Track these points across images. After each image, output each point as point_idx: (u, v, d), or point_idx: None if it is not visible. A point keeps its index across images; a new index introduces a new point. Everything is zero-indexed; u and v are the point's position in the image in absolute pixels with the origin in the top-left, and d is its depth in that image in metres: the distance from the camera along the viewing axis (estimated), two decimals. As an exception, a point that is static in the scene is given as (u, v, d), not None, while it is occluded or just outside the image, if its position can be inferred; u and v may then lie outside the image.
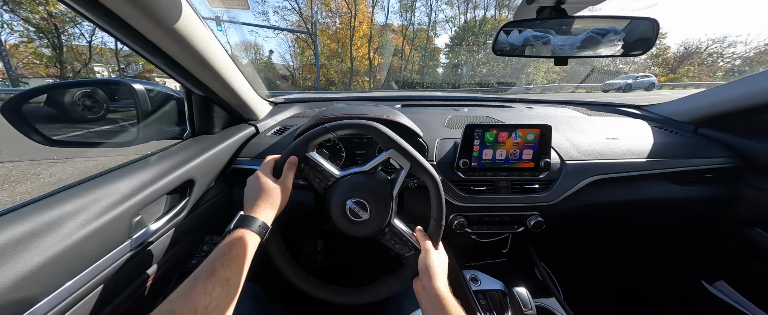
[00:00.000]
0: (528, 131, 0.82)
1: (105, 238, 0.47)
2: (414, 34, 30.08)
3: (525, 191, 0.85)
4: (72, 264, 0.43)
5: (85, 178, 0.54)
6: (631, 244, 1.27)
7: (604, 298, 1.22)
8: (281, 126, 1.01)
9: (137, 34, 0.48)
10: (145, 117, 0.71)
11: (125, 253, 0.51)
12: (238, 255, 0.42)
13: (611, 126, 1.08)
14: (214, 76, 0.67)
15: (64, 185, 0.50)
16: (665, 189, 0.92)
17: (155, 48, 0.53)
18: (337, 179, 0.60)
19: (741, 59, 35.71)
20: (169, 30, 0.49)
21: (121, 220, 0.50)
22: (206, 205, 0.75)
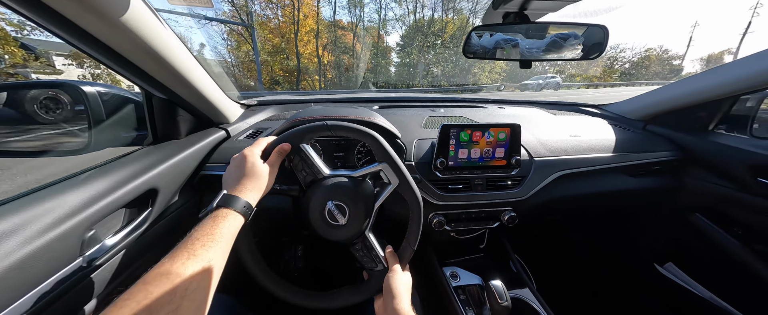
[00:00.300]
0: (500, 130, 0.86)
1: (51, 257, 0.42)
2: (364, 31, 28.34)
3: (498, 188, 0.89)
4: (11, 288, 0.38)
5: (26, 190, 0.48)
6: (593, 232, 1.38)
7: (572, 284, 1.31)
8: (254, 129, 0.97)
9: (79, 30, 0.43)
10: (97, 122, 0.65)
11: (76, 273, 0.46)
12: (221, 235, 0.40)
13: (574, 124, 1.16)
14: (175, 77, 0.62)
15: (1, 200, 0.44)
16: (621, 181, 1.01)
17: (103, 46, 0.48)
18: (324, 177, 0.59)
19: (629, 63, 44.77)
20: (116, 24, 0.44)
21: (71, 236, 0.45)
22: (171, 217, 0.70)
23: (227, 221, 0.42)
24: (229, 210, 0.43)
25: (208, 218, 0.42)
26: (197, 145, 0.77)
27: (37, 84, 0.62)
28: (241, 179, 0.48)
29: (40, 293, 0.41)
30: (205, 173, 0.78)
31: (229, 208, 0.43)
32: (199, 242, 0.37)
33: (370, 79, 27.45)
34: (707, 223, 1.02)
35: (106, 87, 0.69)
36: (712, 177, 1.00)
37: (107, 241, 0.52)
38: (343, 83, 26.00)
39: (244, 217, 0.45)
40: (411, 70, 29.26)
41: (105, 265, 0.51)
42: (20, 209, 0.42)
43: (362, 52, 27.93)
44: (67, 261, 0.45)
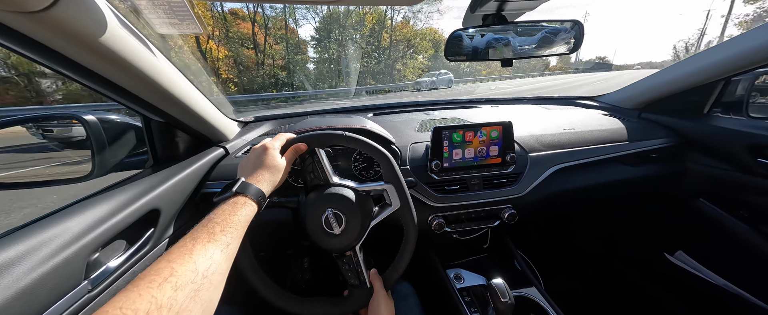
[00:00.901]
0: (492, 129, 0.87)
1: (56, 283, 0.44)
2: (267, 20, 22.32)
3: (496, 186, 0.89)
4: (22, 312, 0.39)
5: (31, 220, 0.50)
6: (598, 225, 1.36)
7: (579, 280, 1.29)
8: (252, 145, 0.99)
9: (76, 65, 0.46)
10: (100, 148, 0.67)
11: (82, 295, 0.47)
12: (238, 221, 0.42)
13: (568, 118, 1.16)
14: (171, 100, 0.65)
15: (7, 230, 0.46)
16: (620, 171, 1.00)
17: (98, 77, 0.50)
18: (330, 184, 0.61)
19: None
20: (107, 55, 0.46)
21: (75, 260, 0.47)
22: (174, 235, 0.72)
23: (244, 209, 0.44)
24: (246, 197, 0.45)
25: (226, 203, 0.44)
26: (197, 164, 0.79)
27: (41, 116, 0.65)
28: (258, 169, 0.51)
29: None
30: (205, 191, 0.80)
31: (246, 196, 0.45)
32: (219, 227, 0.39)
33: (283, 80, 21.79)
34: (712, 207, 1.00)
35: (105, 113, 0.72)
36: (712, 161, 0.99)
37: (111, 263, 0.53)
38: (245, 84, 20.39)
39: (257, 205, 0.47)
40: (331, 66, 25.09)
41: (111, 287, 0.53)
42: (25, 237, 0.44)
43: (266, 45, 22.03)
44: (73, 285, 0.46)
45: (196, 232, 0.38)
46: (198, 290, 0.31)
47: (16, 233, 0.45)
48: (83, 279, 0.48)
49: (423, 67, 32.12)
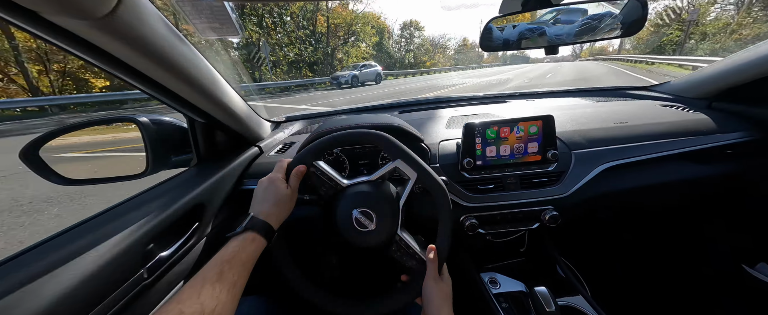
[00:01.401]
0: (530, 124, 0.80)
1: (119, 270, 0.48)
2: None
3: (535, 186, 0.82)
4: (88, 297, 0.44)
5: (95, 213, 0.56)
6: (657, 230, 1.21)
7: (634, 291, 1.15)
8: (283, 144, 1.03)
9: (133, 70, 0.50)
10: (153, 149, 0.73)
11: (139, 283, 0.52)
12: (245, 258, 0.43)
13: (618, 111, 1.04)
14: (214, 103, 0.69)
15: (78, 221, 0.52)
16: (684, 169, 0.88)
17: (153, 82, 0.55)
18: (344, 188, 0.61)
19: (453, 50, 64.69)
20: (164, 63, 0.51)
21: (134, 250, 0.51)
22: (217, 229, 0.76)
23: (252, 245, 0.46)
24: (254, 233, 0.47)
25: (236, 239, 0.45)
26: (235, 163, 0.83)
27: (104, 120, 0.73)
28: (266, 203, 0.52)
29: (112, 301, 0.47)
30: (243, 188, 0.84)
31: (254, 232, 0.47)
32: (227, 265, 0.41)
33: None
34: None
35: (156, 116, 0.79)
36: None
37: (163, 253, 0.58)
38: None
39: (266, 240, 0.48)
40: (254, 53, 19.48)
41: (164, 275, 0.57)
42: (92, 228, 0.49)
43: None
44: (132, 273, 0.51)
45: (205, 271, 0.39)
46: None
47: (85, 225, 0.51)
48: (140, 268, 0.52)
49: (367, 56, 29.14)
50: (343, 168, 0.91)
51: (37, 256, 0.43)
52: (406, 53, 43.86)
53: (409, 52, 44.40)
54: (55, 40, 0.40)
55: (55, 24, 0.37)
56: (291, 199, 0.55)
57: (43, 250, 0.44)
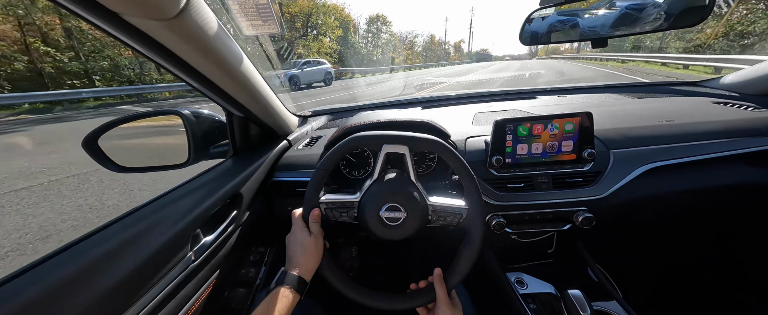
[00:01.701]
0: (566, 121, 0.77)
1: (173, 251, 0.52)
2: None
3: (568, 186, 0.79)
4: (146, 276, 0.48)
5: (151, 198, 0.60)
6: (703, 238, 1.12)
7: (672, 301, 1.08)
8: (310, 138, 1.06)
9: (185, 64, 0.54)
10: (194, 140, 0.78)
11: (188, 265, 0.56)
12: (278, 313, 0.47)
13: (663, 108, 0.97)
14: (253, 98, 0.73)
15: (135, 207, 0.57)
16: (739, 172, 0.80)
17: (203, 77, 0.59)
18: (359, 200, 0.61)
19: (421, 47, 65.32)
20: (216, 60, 0.55)
21: (185, 234, 0.55)
22: (250, 218, 0.81)
23: (284, 300, 0.49)
24: (286, 288, 0.50)
25: (271, 295, 0.49)
26: (267, 156, 0.87)
27: (151, 113, 0.79)
28: (293, 258, 0.55)
29: (166, 280, 0.51)
30: (274, 180, 0.88)
31: (286, 287, 0.51)
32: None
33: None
34: None
35: (197, 111, 0.84)
36: None
37: (208, 238, 0.62)
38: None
39: (298, 293, 0.52)
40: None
41: (209, 258, 0.61)
42: (150, 214, 0.54)
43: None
44: (182, 255, 0.55)
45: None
46: None
47: (142, 210, 0.56)
48: (189, 250, 0.56)
49: (331, 51, 26.29)
50: (368, 163, 0.92)
51: (102, 239, 0.47)
52: (374, 49, 41.99)
53: (377, 48, 42.40)
54: (130, 40, 0.44)
55: (131, 26, 0.41)
56: (317, 244, 0.57)
57: (107, 234, 0.48)
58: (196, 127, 0.77)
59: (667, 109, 0.95)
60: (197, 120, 0.81)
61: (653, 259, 1.18)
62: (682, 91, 1.16)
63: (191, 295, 0.59)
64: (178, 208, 0.57)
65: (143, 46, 0.46)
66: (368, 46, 42.37)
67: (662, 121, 0.87)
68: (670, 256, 1.17)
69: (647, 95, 1.18)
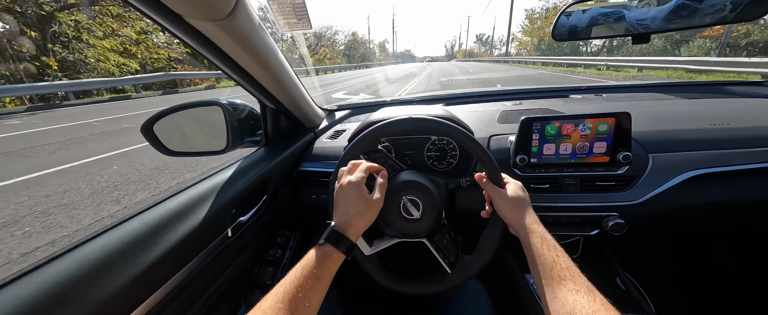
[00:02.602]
0: (600, 121, 0.73)
1: (214, 227, 0.59)
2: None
3: (599, 189, 0.76)
4: (189, 250, 0.54)
5: (197, 179, 0.68)
6: (748, 254, 1.01)
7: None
8: (334, 130, 1.10)
9: (231, 60, 0.60)
10: (232, 129, 0.85)
11: (225, 241, 0.62)
12: (320, 274, 0.42)
13: (717, 109, 0.88)
14: (285, 91, 0.78)
15: (186, 185, 0.64)
16: None
17: (244, 72, 0.64)
18: (398, 173, 0.63)
19: (344, 45, 61.42)
20: (257, 56, 0.60)
21: (224, 213, 0.62)
22: (278, 203, 0.87)
23: (331, 260, 0.44)
24: (334, 249, 0.45)
25: (317, 250, 0.44)
26: (295, 146, 0.93)
27: (196, 103, 0.87)
28: (347, 215, 0.48)
29: (205, 254, 0.58)
30: (300, 169, 0.93)
31: (335, 247, 0.45)
32: (308, 283, 0.40)
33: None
34: None
35: (234, 102, 0.91)
36: None
37: (242, 218, 0.68)
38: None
39: (346, 255, 0.46)
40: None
41: (242, 237, 0.68)
42: (194, 194, 0.60)
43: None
44: (221, 231, 0.61)
45: (286, 282, 0.40)
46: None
47: (188, 190, 0.62)
48: (226, 228, 0.63)
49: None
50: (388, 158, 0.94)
51: (153, 214, 0.53)
52: (280, 43, 38.60)
53: (282, 42, 33.71)
54: (189, 39, 0.51)
55: (191, 27, 0.48)
56: (375, 208, 0.50)
57: (163, 207, 0.55)
58: (233, 117, 0.84)
59: (722, 111, 0.86)
60: (234, 111, 0.88)
61: (689, 272, 1.08)
62: (743, 93, 1.03)
63: (226, 269, 0.65)
64: (219, 188, 0.63)
65: (199, 44, 0.52)
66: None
67: (714, 125, 0.79)
68: (709, 270, 1.06)
69: (698, 96, 1.07)
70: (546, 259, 0.45)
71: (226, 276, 0.64)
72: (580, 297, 0.38)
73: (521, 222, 0.51)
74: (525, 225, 0.50)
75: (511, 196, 0.55)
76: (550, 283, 0.42)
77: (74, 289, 0.37)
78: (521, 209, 0.53)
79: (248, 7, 0.52)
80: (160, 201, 0.56)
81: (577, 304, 0.37)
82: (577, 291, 0.39)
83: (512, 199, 0.55)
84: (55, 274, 0.36)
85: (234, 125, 0.85)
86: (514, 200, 0.55)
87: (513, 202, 0.54)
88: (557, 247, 0.46)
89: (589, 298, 0.37)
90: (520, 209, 0.53)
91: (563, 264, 0.43)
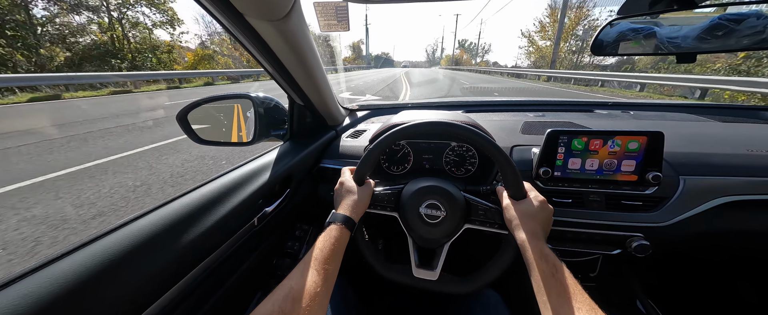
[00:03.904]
0: (630, 139, 0.72)
1: (243, 215, 0.61)
2: None
3: (624, 208, 0.74)
4: (219, 237, 0.56)
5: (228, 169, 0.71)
6: None
7: None
8: (356, 130, 1.12)
9: (275, 57, 0.63)
10: (260, 122, 0.88)
11: (251, 229, 0.65)
12: (339, 250, 0.51)
13: (755, 135, 0.85)
14: (316, 89, 0.80)
15: (219, 173, 0.67)
16: None
17: (283, 68, 0.67)
18: (401, 191, 0.64)
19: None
20: (298, 53, 0.62)
21: (252, 202, 0.64)
22: (299, 197, 0.89)
23: (339, 235, 0.53)
24: (337, 225, 0.54)
25: (325, 232, 0.53)
26: (317, 143, 0.95)
27: (228, 96, 0.90)
28: (344, 202, 0.60)
29: (233, 241, 0.60)
30: (321, 166, 0.95)
31: (337, 224, 0.55)
32: (319, 252, 0.49)
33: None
34: None
35: (263, 96, 0.94)
36: None
37: (268, 208, 0.71)
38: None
39: (349, 229, 0.55)
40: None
41: (266, 226, 0.70)
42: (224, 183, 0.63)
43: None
44: (248, 220, 0.64)
45: (305, 258, 0.48)
46: (304, 301, 0.41)
47: (222, 177, 0.65)
48: (254, 217, 0.65)
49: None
50: (407, 160, 0.95)
51: (190, 199, 0.56)
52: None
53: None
54: (243, 37, 0.54)
55: (249, 25, 0.51)
56: (366, 193, 0.62)
57: (194, 197, 0.57)
58: (262, 110, 0.87)
59: (761, 136, 0.83)
60: (263, 104, 0.91)
61: (713, 301, 1.04)
62: None
63: (249, 257, 0.68)
64: (246, 180, 0.66)
65: (250, 42, 0.55)
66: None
67: (751, 151, 0.76)
68: (733, 301, 1.01)
69: (734, 119, 1.03)
70: (546, 275, 0.45)
71: (249, 263, 0.66)
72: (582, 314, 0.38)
73: (522, 236, 0.51)
74: (526, 238, 0.51)
75: (524, 208, 0.55)
76: (551, 299, 0.42)
77: (124, 262, 0.39)
78: (529, 223, 0.53)
79: (301, 11, 0.54)
80: (196, 187, 0.58)
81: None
82: (579, 309, 0.39)
83: (522, 211, 0.55)
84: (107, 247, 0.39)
85: (262, 118, 0.88)
86: (524, 212, 0.55)
87: (523, 214, 0.54)
88: (557, 264, 0.46)
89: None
90: (528, 222, 0.53)
91: (565, 280, 0.43)
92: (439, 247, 0.63)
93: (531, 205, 0.56)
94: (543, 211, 0.55)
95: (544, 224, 0.55)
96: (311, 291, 0.42)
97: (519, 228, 0.53)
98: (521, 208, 0.55)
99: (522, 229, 0.52)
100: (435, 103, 1.44)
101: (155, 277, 0.42)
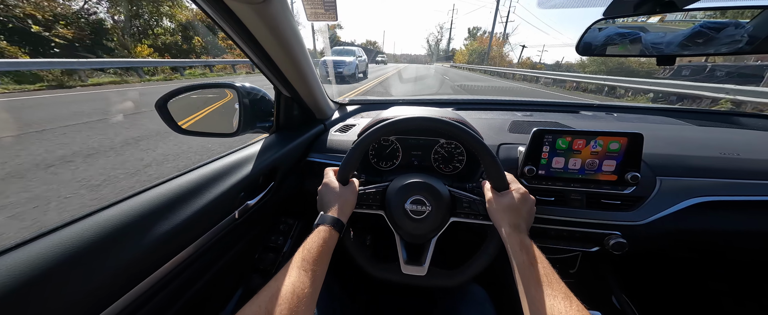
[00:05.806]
0: (611, 140, 0.73)
1: (220, 210, 0.59)
2: None
3: (604, 207, 0.76)
4: (197, 228, 0.54)
5: (207, 160, 0.68)
6: (747, 285, 1.01)
7: None
8: (344, 124, 1.10)
9: (257, 44, 0.60)
10: (245, 112, 0.85)
11: (231, 223, 0.63)
12: (318, 247, 0.50)
13: (728, 139, 0.89)
14: (303, 81, 0.78)
15: (197, 164, 0.64)
16: None
17: (267, 58, 0.64)
18: (386, 188, 0.64)
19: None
20: (282, 41, 0.60)
21: (231, 195, 0.62)
22: (284, 191, 0.87)
23: (328, 237, 0.52)
24: (325, 226, 0.54)
25: (313, 233, 0.52)
26: (305, 136, 0.93)
27: (211, 84, 0.87)
28: (330, 204, 0.59)
29: (212, 234, 0.58)
30: (308, 160, 0.94)
31: (326, 225, 0.54)
32: (308, 253, 0.48)
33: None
34: None
35: (249, 86, 0.91)
36: None
37: (250, 202, 0.69)
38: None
39: (337, 231, 0.55)
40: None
41: (248, 219, 0.68)
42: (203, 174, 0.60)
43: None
44: (228, 214, 0.62)
45: (294, 259, 0.47)
46: (291, 302, 0.40)
47: (201, 167, 0.63)
48: (234, 210, 0.63)
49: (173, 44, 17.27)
50: (396, 156, 0.94)
51: (167, 188, 0.53)
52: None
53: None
54: (222, 20, 0.52)
55: (227, 7, 0.48)
56: (352, 192, 0.61)
57: (172, 185, 0.55)
58: (247, 100, 0.84)
59: (733, 140, 0.87)
60: (248, 95, 0.88)
61: (686, 297, 1.09)
62: (754, 125, 1.04)
63: (229, 250, 0.66)
64: (230, 169, 0.63)
65: (230, 26, 0.52)
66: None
67: (724, 154, 0.79)
68: (705, 297, 1.07)
69: (710, 123, 1.07)
70: (524, 265, 0.46)
71: (229, 257, 0.65)
72: (557, 302, 0.39)
73: (504, 227, 0.52)
74: (507, 230, 0.52)
75: (506, 201, 0.56)
76: (528, 288, 0.43)
77: (90, 253, 0.37)
78: (510, 215, 0.54)
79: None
80: (173, 176, 0.56)
81: (554, 309, 0.38)
82: (554, 296, 0.40)
83: (504, 204, 0.56)
84: (71, 236, 0.37)
85: (247, 109, 0.85)
86: (506, 205, 0.55)
87: (504, 207, 0.55)
88: (536, 253, 0.48)
89: (566, 303, 0.39)
90: (509, 215, 0.54)
91: (541, 270, 0.45)
92: (426, 242, 0.63)
93: (512, 197, 0.56)
94: (525, 204, 0.56)
95: (526, 216, 0.56)
96: (299, 292, 0.41)
97: (501, 220, 0.54)
98: (503, 200, 0.56)
99: (503, 221, 0.53)
100: (426, 99, 1.44)
101: (121, 272, 0.40)
